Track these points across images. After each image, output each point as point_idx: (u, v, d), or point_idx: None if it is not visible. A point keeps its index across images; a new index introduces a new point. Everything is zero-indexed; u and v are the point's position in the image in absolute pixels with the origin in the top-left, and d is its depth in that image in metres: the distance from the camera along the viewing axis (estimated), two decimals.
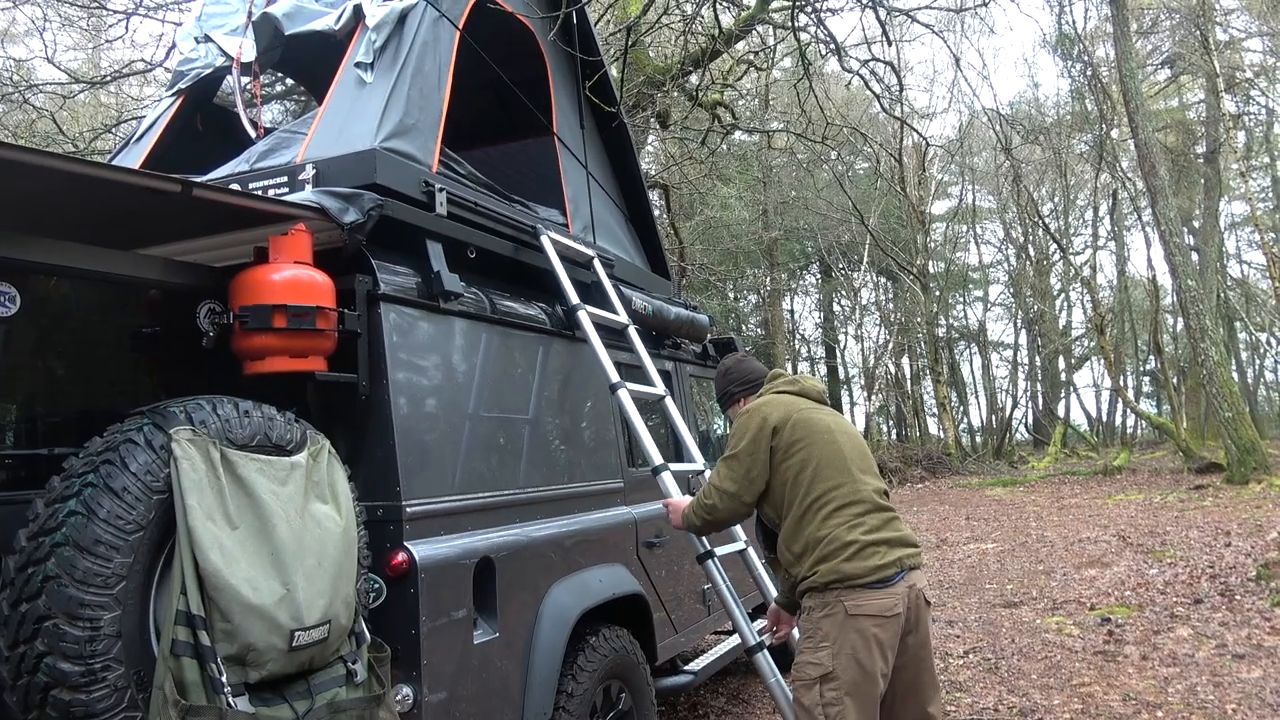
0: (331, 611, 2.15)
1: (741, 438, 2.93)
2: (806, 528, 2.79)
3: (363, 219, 2.65)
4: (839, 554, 2.72)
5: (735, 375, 3.35)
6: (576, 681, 3.09)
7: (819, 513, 2.78)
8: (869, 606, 2.69)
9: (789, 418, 2.90)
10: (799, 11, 8.68)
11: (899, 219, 26.45)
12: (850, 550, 2.72)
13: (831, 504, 2.78)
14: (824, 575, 2.72)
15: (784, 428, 2.88)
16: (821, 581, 2.72)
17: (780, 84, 20.25)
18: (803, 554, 2.78)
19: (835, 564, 2.71)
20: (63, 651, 1.81)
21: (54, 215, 2.41)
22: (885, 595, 2.71)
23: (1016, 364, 34.43)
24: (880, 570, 2.71)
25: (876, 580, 2.71)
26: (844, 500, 2.79)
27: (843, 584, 2.70)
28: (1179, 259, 15.46)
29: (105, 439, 2.01)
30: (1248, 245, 32.38)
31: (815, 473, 2.83)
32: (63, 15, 11.28)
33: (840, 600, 2.70)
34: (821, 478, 2.82)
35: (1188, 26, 20.77)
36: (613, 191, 4.78)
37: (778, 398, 3.03)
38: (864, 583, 2.70)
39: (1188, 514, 12.06)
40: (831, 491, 2.80)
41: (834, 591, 2.71)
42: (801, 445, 2.86)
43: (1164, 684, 5.01)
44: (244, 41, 3.70)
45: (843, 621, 2.68)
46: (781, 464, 2.87)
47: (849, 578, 2.70)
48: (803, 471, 2.83)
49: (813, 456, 2.84)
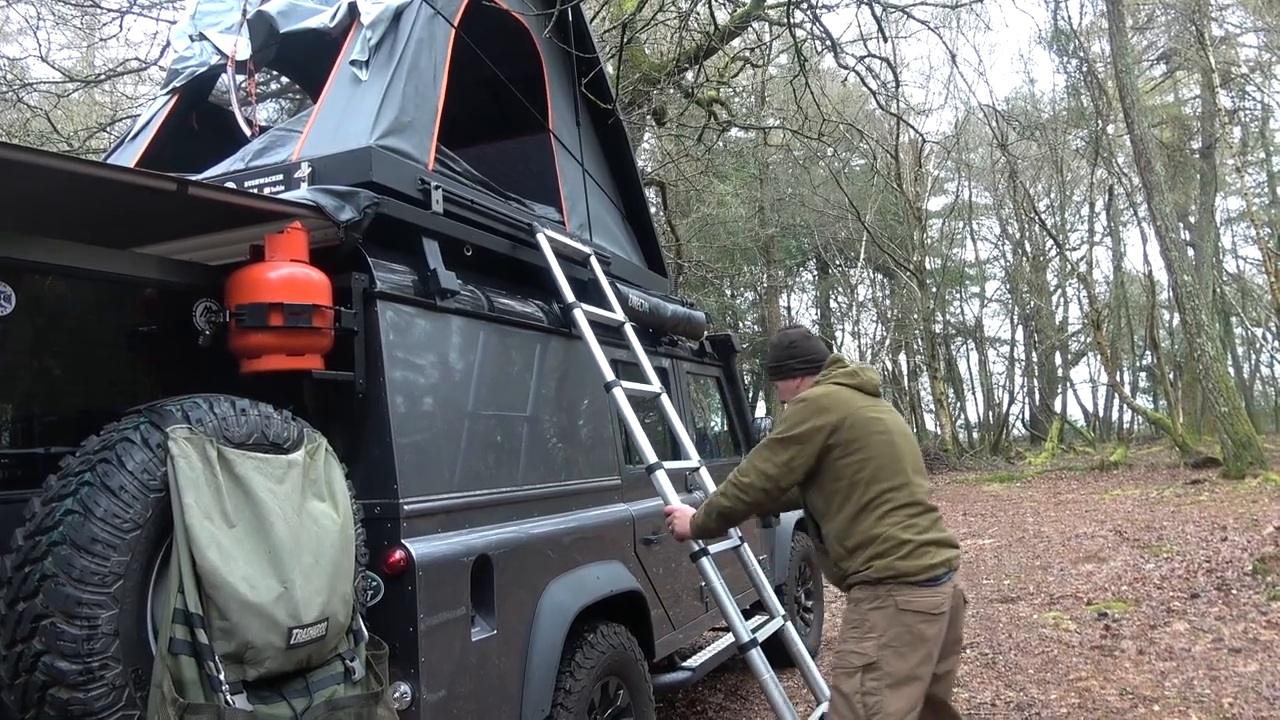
0: (329, 609, 2.15)
1: (795, 425, 2.93)
2: (862, 524, 2.85)
3: (359, 217, 2.64)
4: (895, 552, 2.79)
5: (800, 350, 3.26)
6: (574, 678, 3.09)
7: (875, 511, 2.85)
8: (919, 603, 2.77)
9: (847, 416, 2.92)
10: (795, 8, 8.68)
11: (895, 215, 26.47)
12: (906, 549, 2.79)
13: (889, 504, 2.85)
14: (879, 570, 2.79)
15: (842, 426, 2.90)
16: (875, 576, 2.79)
17: (776, 80, 20.25)
18: (856, 549, 2.85)
19: (891, 560, 2.79)
20: (60, 650, 1.81)
21: (50, 214, 2.41)
22: (935, 594, 2.80)
23: (1013, 360, 34.49)
24: (932, 570, 2.80)
25: (928, 579, 2.79)
26: (901, 501, 2.86)
27: (896, 580, 2.78)
28: (1175, 254, 15.48)
29: (102, 437, 2.01)
30: (1243, 240, 32.47)
31: (874, 473, 2.87)
32: (57, 14, 11.26)
33: (892, 595, 2.77)
34: (879, 479, 2.87)
35: (1183, 22, 20.80)
36: (609, 189, 4.78)
37: (837, 391, 3.01)
38: (916, 580, 2.78)
39: (1184, 509, 12.09)
40: (890, 492, 2.86)
41: (886, 586, 2.78)
42: (860, 445, 2.89)
43: (1161, 678, 5.02)
44: (239, 40, 3.69)
45: (893, 615, 2.76)
46: (839, 460, 2.90)
47: (903, 575, 2.77)
48: (861, 470, 2.87)
49: (872, 456, 2.88)
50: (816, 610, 6.05)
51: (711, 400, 5.93)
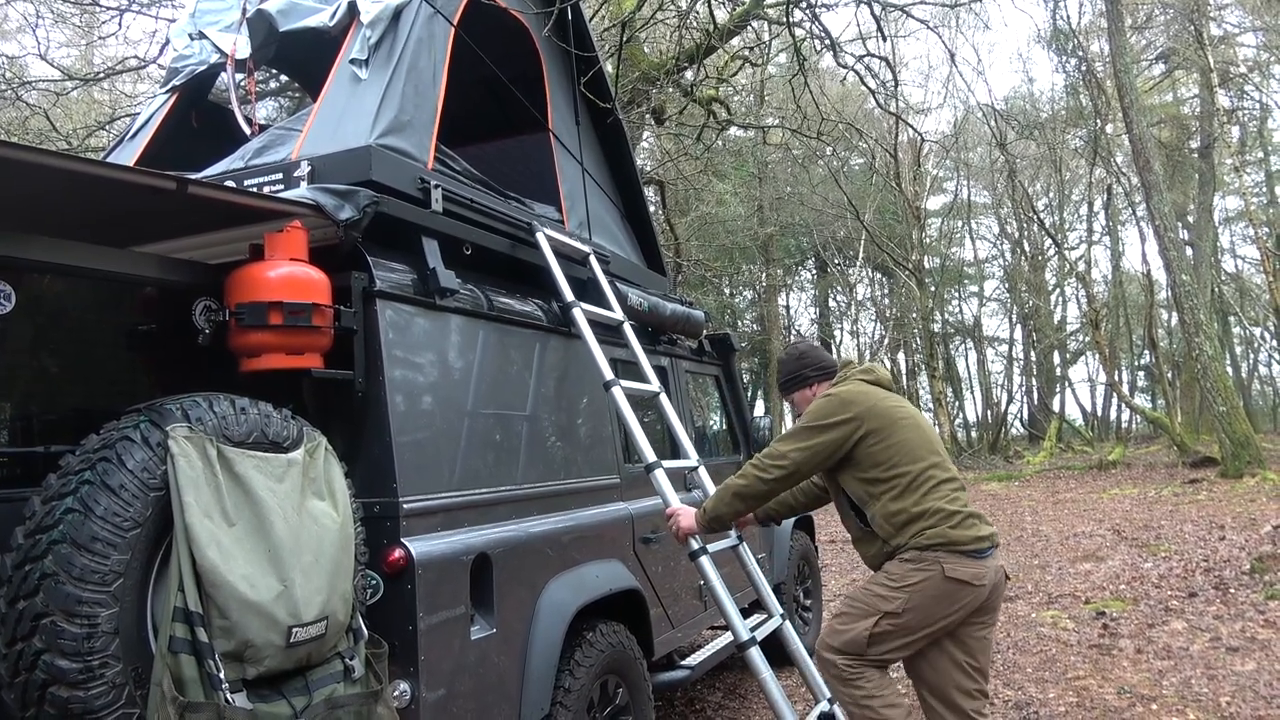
0: (329, 608, 2.16)
1: (824, 416, 3.06)
2: (909, 500, 2.97)
3: (358, 216, 2.64)
4: (946, 521, 2.93)
5: (811, 360, 3.45)
6: (574, 677, 3.09)
7: (921, 488, 2.98)
8: (963, 572, 2.90)
9: (872, 406, 3.07)
10: (794, 7, 8.68)
11: (894, 214, 26.47)
12: (956, 519, 2.94)
13: (933, 480, 2.99)
14: (930, 538, 2.92)
15: (870, 416, 3.04)
16: (926, 542, 2.92)
17: (775, 79, 20.25)
18: (907, 524, 2.96)
19: (942, 529, 2.92)
20: (60, 648, 1.81)
21: (49, 213, 2.41)
22: (979, 565, 2.94)
23: (1012, 359, 34.52)
24: (979, 541, 2.95)
25: (975, 550, 2.93)
26: (943, 477, 3.02)
27: (946, 547, 2.91)
28: (1173, 254, 15.49)
29: (102, 436, 2.01)
30: (1242, 240, 32.48)
31: (912, 454, 3.02)
32: (55, 12, 11.25)
33: (939, 561, 2.90)
34: (919, 458, 3.02)
35: (1182, 22, 20.81)
36: (608, 188, 4.78)
37: (859, 385, 3.16)
38: (965, 549, 2.92)
39: (1182, 508, 12.10)
40: (931, 469, 3.01)
41: (935, 552, 2.91)
42: (890, 430, 3.04)
43: (1158, 677, 5.03)
44: (238, 38, 3.69)
45: (936, 579, 2.89)
46: (874, 447, 3.03)
47: (954, 543, 2.91)
48: (900, 453, 3.01)
49: (905, 440, 3.03)
50: (815, 609, 6.05)
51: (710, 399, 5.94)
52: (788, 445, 3.08)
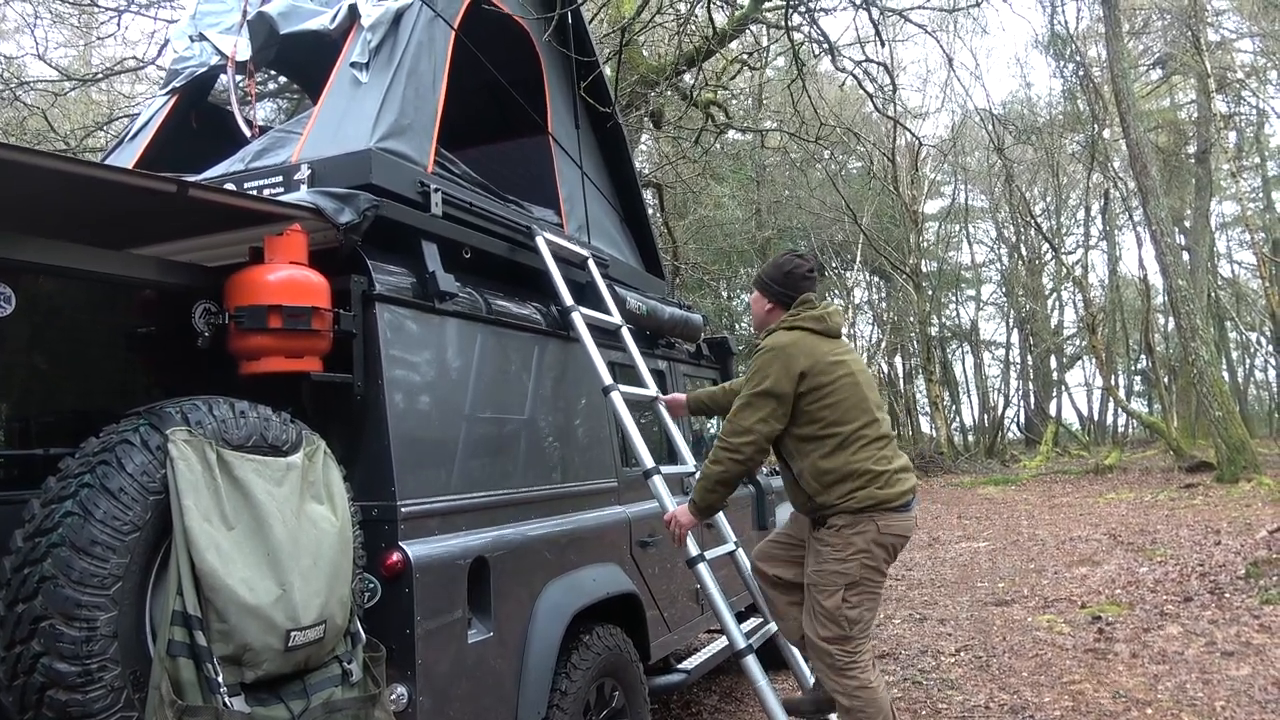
0: (327, 611, 2.16)
1: (765, 377, 3.13)
2: (837, 460, 3.10)
3: (358, 219, 2.65)
4: (874, 482, 3.09)
5: (784, 277, 3.40)
6: (570, 680, 3.10)
7: (850, 448, 3.11)
8: (896, 527, 3.11)
9: (815, 363, 3.14)
10: (792, 11, 8.69)
11: (892, 218, 26.51)
12: (883, 479, 3.10)
13: (862, 440, 3.12)
14: (861, 500, 3.08)
15: (810, 373, 3.12)
16: (857, 506, 3.08)
17: (774, 83, 20.27)
18: (834, 484, 3.10)
19: (871, 490, 3.08)
20: (59, 652, 1.81)
21: (49, 215, 2.41)
22: (907, 518, 3.16)
23: (1009, 363, 34.58)
24: (904, 496, 3.14)
25: (902, 505, 3.13)
26: (873, 436, 3.15)
27: (876, 507, 3.08)
28: (1170, 259, 15.53)
29: (101, 439, 2.01)
30: (1238, 245, 32.55)
31: (845, 413, 3.13)
32: (54, 12, 11.24)
33: (873, 520, 3.08)
34: (850, 418, 3.13)
35: (1179, 27, 20.87)
36: (607, 191, 4.79)
37: (802, 338, 3.20)
38: (894, 506, 3.10)
39: (1178, 513, 12.12)
40: (863, 429, 3.13)
41: (867, 514, 3.08)
42: (828, 388, 3.13)
43: (1154, 681, 5.04)
44: (239, 40, 3.69)
45: (874, 538, 3.07)
46: (809, 406, 3.13)
47: (883, 502, 3.08)
48: (834, 412, 3.12)
49: (842, 398, 3.14)
50: None
51: None
52: (749, 419, 3.13)
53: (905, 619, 7.11)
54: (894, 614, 7.32)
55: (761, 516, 5.01)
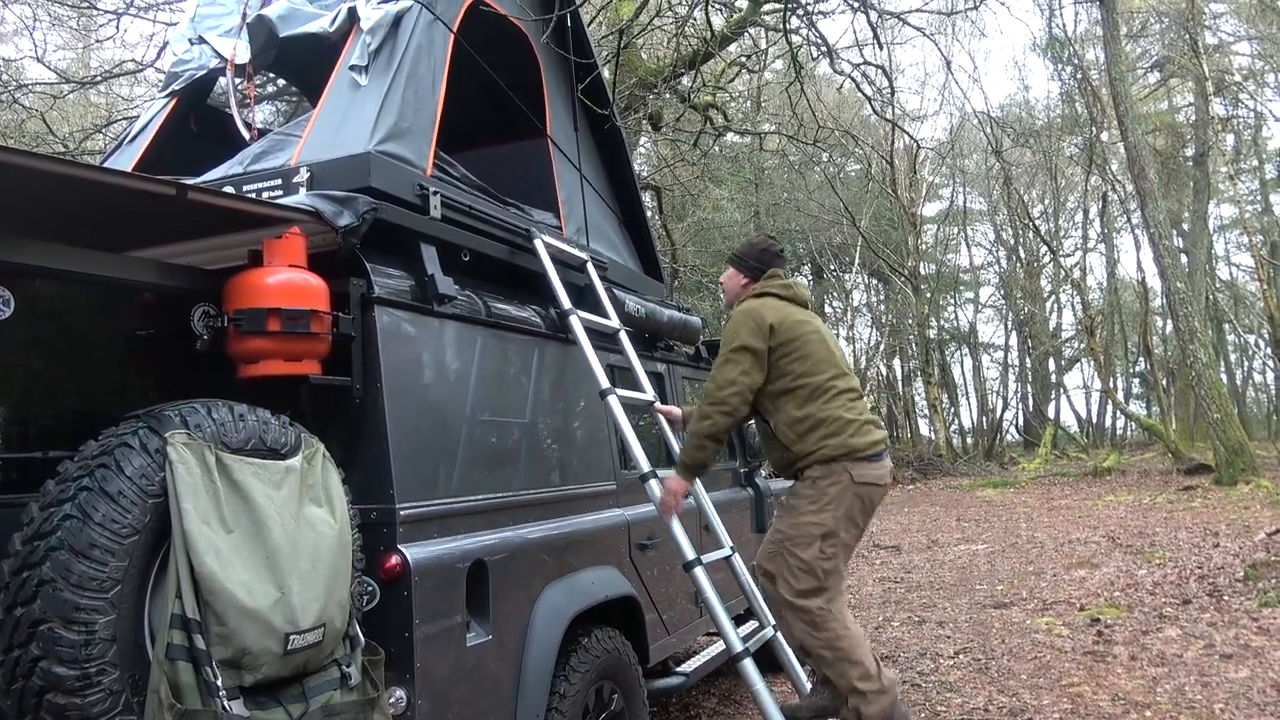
0: (326, 615, 2.16)
1: (740, 335, 3.30)
2: (810, 409, 3.22)
3: (357, 222, 2.65)
4: (845, 430, 3.19)
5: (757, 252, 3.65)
6: (569, 683, 3.09)
7: (821, 397, 3.23)
8: (869, 475, 3.19)
9: (783, 319, 3.30)
10: (790, 14, 8.70)
11: (890, 221, 26.53)
12: (854, 427, 3.20)
13: (832, 391, 3.24)
14: (833, 449, 3.17)
15: (780, 329, 3.28)
16: (830, 454, 3.17)
17: (772, 86, 20.30)
18: (808, 432, 3.20)
19: (844, 439, 3.18)
20: (58, 655, 1.81)
21: (47, 218, 2.41)
22: (880, 466, 3.24)
23: (1007, 366, 34.60)
24: (876, 445, 3.23)
25: (874, 454, 3.21)
26: (843, 388, 3.27)
27: (849, 456, 3.17)
28: (1168, 261, 15.55)
29: (100, 442, 2.00)
30: (1236, 248, 32.62)
31: (814, 365, 3.26)
32: (52, 14, 11.23)
33: (847, 469, 3.16)
34: (820, 370, 3.26)
35: (1177, 30, 20.91)
36: (606, 194, 4.79)
37: (769, 301, 3.40)
38: (865, 455, 3.19)
39: (1177, 515, 12.13)
40: (832, 380, 3.26)
41: (841, 463, 3.17)
42: (797, 344, 3.28)
43: (1152, 684, 5.04)
44: (238, 43, 3.70)
45: (847, 487, 3.15)
46: (780, 361, 3.27)
47: (855, 450, 3.18)
48: (804, 364, 3.26)
49: (810, 353, 3.28)
50: None
51: None
52: (731, 372, 3.27)
53: (904, 621, 7.11)
54: (893, 616, 7.32)
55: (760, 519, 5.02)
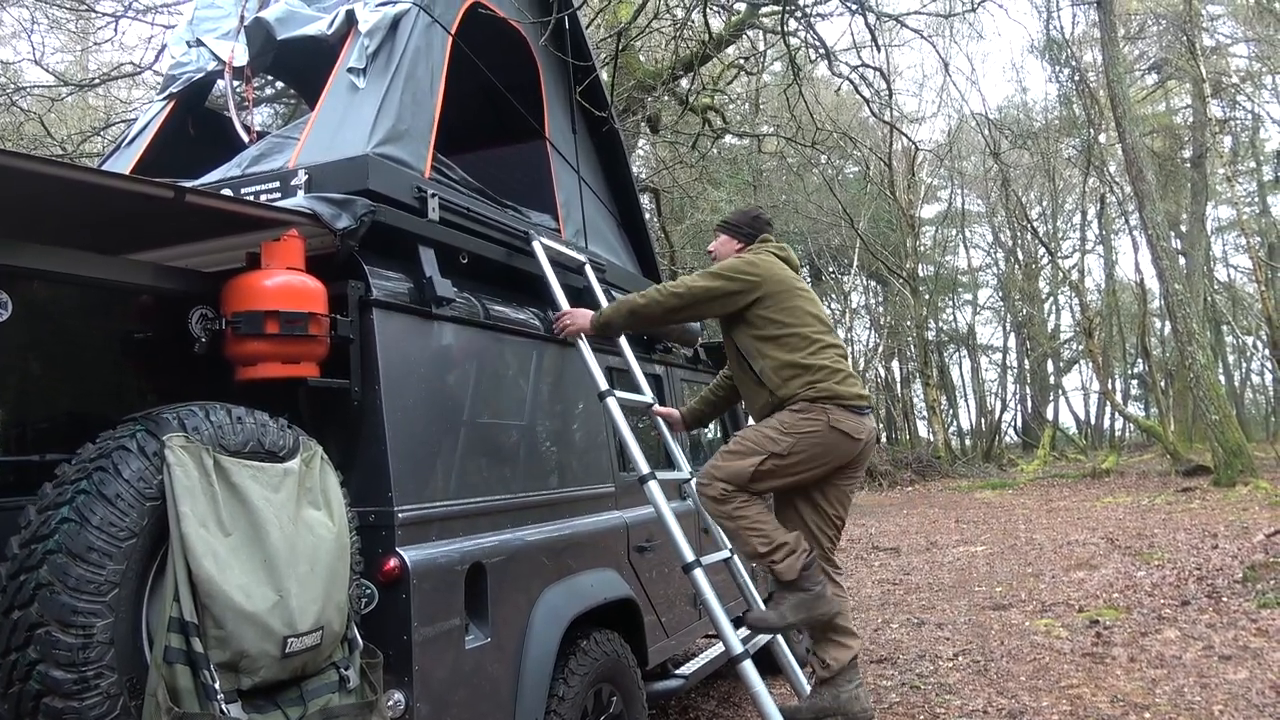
0: (324, 618, 2.15)
1: (730, 270, 3.38)
2: (798, 355, 3.29)
3: (355, 225, 2.64)
4: (832, 377, 3.27)
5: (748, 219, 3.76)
6: (568, 685, 3.09)
7: (811, 346, 3.31)
8: (847, 424, 3.24)
9: (775, 274, 3.41)
10: (788, 17, 8.71)
11: (888, 223, 26.55)
12: (840, 376, 3.30)
13: (821, 342, 3.34)
14: (819, 390, 3.25)
15: (771, 280, 3.38)
16: (814, 395, 3.24)
17: (770, 88, 20.31)
18: (794, 377, 3.27)
19: (830, 384, 3.26)
20: (55, 659, 1.81)
21: (45, 220, 2.41)
22: (860, 420, 3.29)
23: (1005, 367, 34.62)
24: (860, 398, 3.32)
25: (856, 405, 3.29)
26: (830, 342, 3.37)
27: (832, 400, 3.24)
28: (1166, 263, 15.57)
29: (98, 445, 2.00)
30: (1234, 249, 32.65)
31: (804, 319, 3.36)
32: (51, 17, 11.22)
33: (826, 412, 3.23)
34: (810, 324, 3.36)
35: (1175, 32, 20.95)
36: (604, 196, 4.79)
37: (769, 257, 3.50)
38: (848, 404, 3.26)
39: (1175, 516, 12.13)
40: (822, 334, 3.37)
41: (821, 405, 3.23)
42: (788, 296, 3.38)
43: (1151, 685, 5.04)
44: (236, 45, 3.69)
45: (822, 428, 3.22)
46: (771, 308, 3.35)
47: (839, 396, 3.25)
48: (794, 315, 3.34)
49: (802, 307, 3.39)
50: None
51: None
52: (691, 280, 3.36)
53: (903, 624, 7.11)
54: (891, 618, 7.31)
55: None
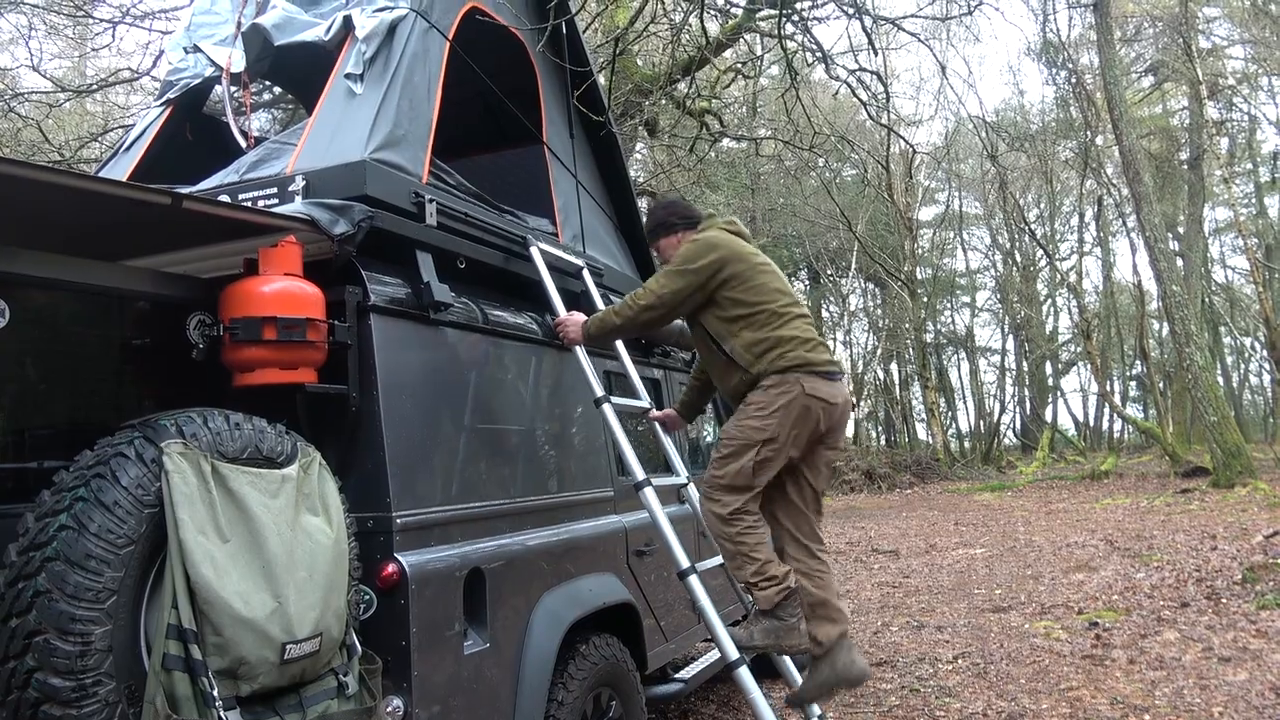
0: (323, 624, 2.15)
1: (692, 259, 3.33)
2: (768, 330, 3.28)
3: (353, 230, 2.65)
4: (802, 345, 3.27)
5: (679, 208, 3.75)
6: (567, 690, 3.09)
7: (780, 318, 3.30)
8: (821, 390, 3.24)
9: (735, 252, 3.36)
10: (786, 20, 8.72)
11: (886, 225, 26.59)
12: (810, 344, 3.29)
13: (790, 314, 3.33)
14: (790, 360, 3.23)
15: (732, 259, 3.33)
16: (785, 365, 3.23)
17: (768, 92, 20.34)
18: (765, 352, 3.26)
19: (800, 352, 3.25)
20: (53, 666, 1.81)
21: (43, 228, 2.41)
22: (832, 384, 3.30)
23: (1004, 369, 34.63)
24: (831, 364, 3.32)
25: (828, 371, 3.28)
26: (796, 312, 3.36)
27: (803, 368, 3.23)
28: (1164, 264, 15.59)
29: (96, 452, 2.00)
30: (1231, 250, 32.70)
31: (771, 294, 3.33)
32: (48, 23, 11.23)
33: (799, 381, 3.22)
34: (775, 297, 3.34)
35: (1171, 34, 20.99)
36: (602, 200, 4.80)
37: (723, 233, 3.45)
38: (819, 370, 3.26)
39: (1174, 518, 12.14)
40: (789, 306, 3.35)
41: (794, 374, 3.22)
42: (750, 273, 3.34)
43: (1151, 687, 5.04)
44: (233, 52, 3.70)
45: (797, 397, 3.20)
46: (736, 288, 3.32)
47: (810, 363, 3.24)
48: (760, 292, 3.32)
49: (765, 283, 3.35)
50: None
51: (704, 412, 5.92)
52: (659, 284, 3.33)
53: (902, 626, 7.10)
54: (891, 621, 7.31)
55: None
